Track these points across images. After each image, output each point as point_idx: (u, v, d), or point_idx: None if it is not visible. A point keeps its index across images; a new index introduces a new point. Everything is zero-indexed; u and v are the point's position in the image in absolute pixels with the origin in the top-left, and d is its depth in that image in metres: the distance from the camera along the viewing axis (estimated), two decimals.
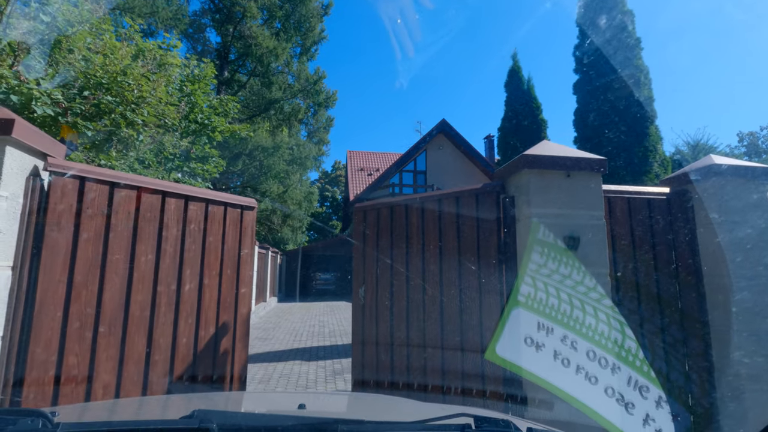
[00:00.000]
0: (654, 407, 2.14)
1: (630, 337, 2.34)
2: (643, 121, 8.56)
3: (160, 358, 2.70)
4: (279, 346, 7.56)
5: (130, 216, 2.64)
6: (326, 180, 46.13)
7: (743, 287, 2.91)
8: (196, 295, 2.91)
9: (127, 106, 3.41)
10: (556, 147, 3.05)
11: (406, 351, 3.44)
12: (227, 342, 3.06)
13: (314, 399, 1.88)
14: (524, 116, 12.11)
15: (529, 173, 2.88)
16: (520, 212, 2.98)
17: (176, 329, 2.79)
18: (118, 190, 2.63)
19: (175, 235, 2.82)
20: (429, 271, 3.43)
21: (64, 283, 2.43)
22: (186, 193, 2.91)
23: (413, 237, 3.55)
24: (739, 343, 2.84)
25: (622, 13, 9.42)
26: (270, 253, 14.90)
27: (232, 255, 3.16)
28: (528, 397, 2.71)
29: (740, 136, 34.86)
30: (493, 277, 3.08)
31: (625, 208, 3.19)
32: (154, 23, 15.88)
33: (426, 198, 3.58)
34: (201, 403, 1.52)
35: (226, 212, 3.14)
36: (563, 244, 2.82)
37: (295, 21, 19.83)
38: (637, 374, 2.22)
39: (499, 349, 2.66)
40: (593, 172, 2.92)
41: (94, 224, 2.54)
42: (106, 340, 2.52)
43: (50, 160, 2.45)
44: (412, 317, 3.48)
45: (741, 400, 2.74)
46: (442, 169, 19.93)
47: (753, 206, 3.03)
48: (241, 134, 12.27)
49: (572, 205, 2.87)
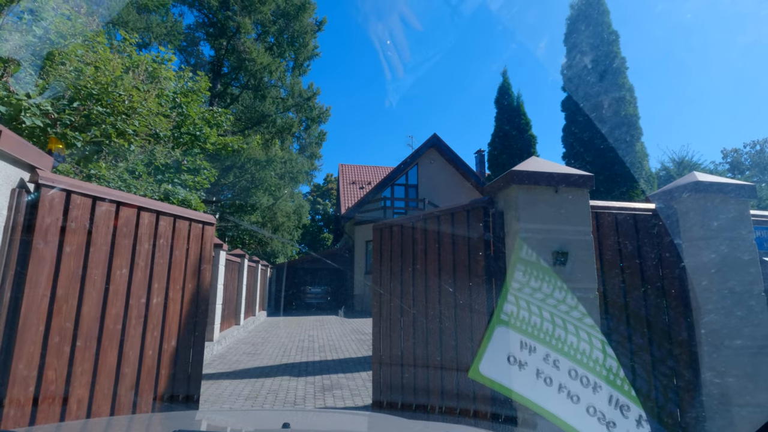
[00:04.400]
0: (635, 426, 2.15)
1: (611, 356, 2.33)
2: (629, 138, 8.79)
3: (128, 371, 2.74)
4: (267, 362, 7.44)
5: (109, 230, 2.69)
6: (318, 193, 46.08)
7: (714, 308, 2.93)
8: (162, 309, 3.00)
9: (117, 117, 3.40)
10: (544, 163, 3.11)
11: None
12: (186, 355, 3.15)
13: (300, 417, 1.84)
14: (514, 132, 12.32)
15: (517, 189, 2.92)
16: (509, 227, 3.01)
17: (144, 342, 2.86)
18: (99, 205, 2.67)
19: (147, 249, 2.91)
20: (428, 288, 3.52)
21: (48, 297, 2.43)
22: (158, 209, 3.01)
23: (412, 255, 3.72)
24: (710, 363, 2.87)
25: (608, 33, 9.77)
26: (260, 266, 14.75)
27: (194, 269, 3.28)
28: (519, 417, 2.69)
29: (724, 153, 35.77)
30: (481, 293, 3.09)
31: (612, 224, 3.24)
32: (148, 37, 15.95)
33: (427, 216, 3.69)
34: (180, 423, 1.50)
35: (191, 227, 3.27)
36: (551, 260, 2.85)
37: (289, 36, 20.06)
38: (619, 393, 2.23)
39: (483, 368, 2.66)
40: (581, 188, 2.97)
41: (77, 238, 2.56)
42: (82, 354, 2.54)
43: (38, 173, 2.43)
44: (406, 334, 3.48)
45: (714, 420, 2.76)
46: (434, 184, 20.05)
47: (736, 221, 3.10)
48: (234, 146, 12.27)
49: (560, 221, 2.91)
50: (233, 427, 1.62)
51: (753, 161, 33.78)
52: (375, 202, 18.67)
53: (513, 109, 12.61)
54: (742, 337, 2.84)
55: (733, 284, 2.96)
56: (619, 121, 8.67)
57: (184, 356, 3.13)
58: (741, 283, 2.96)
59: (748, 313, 2.91)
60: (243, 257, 11.57)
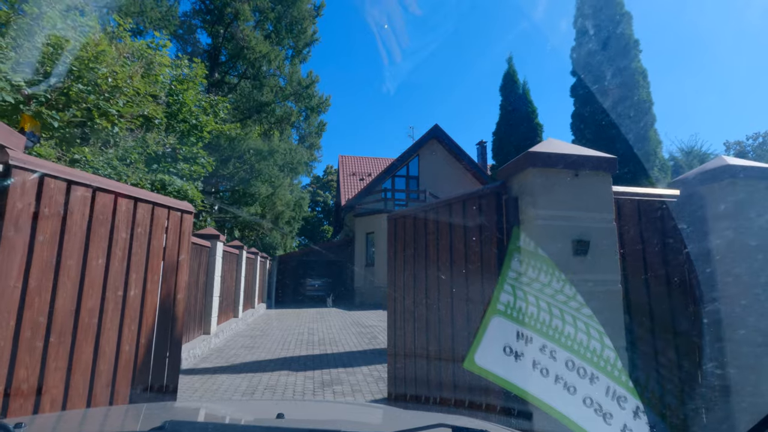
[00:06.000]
0: (632, 418, 2.11)
1: (608, 346, 2.26)
2: (643, 124, 8.45)
3: (104, 368, 2.58)
4: (266, 355, 7.25)
5: (85, 217, 2.48)
6: (318, 185, 45.78)
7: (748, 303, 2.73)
8: (140, 301, 2.85)
9: (99, 96, 3.13)
10: (563, 145, 2.86)
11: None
12: (164, 349, 3.02)
13: (295, 408, 1.83)
14: (520, 121, 11.97)
15: (534, 172, 2.68)
16: (524, 214, 2.77)
17: (120, 336, 2.69)
18: (75, 189, 2.45)
19: (124, 238, 2.74)
20: (440, 278, 3.37)
21: (19, 289, 2.22)
22: (136, 195, 2.84)
23: (425, 245, 3.58)
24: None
25: (620, 14, 9.35)
26: (259, 258, 14.55)
27: (172, 260, 3.13)
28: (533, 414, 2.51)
29: (727, 145, 35.40)
30: (494, 283, 2.87)
31: (634, 211, 3.00)
32: (143, 23, 15.57)
33: (438, 205, 3.51)
34: (173, 414, 1.51)
35: (169, 215, 3.12)
36: (571, 249, 2.63)
37: (287, 23, 19.62)
38: (616, 384, 2.18)
39: (478, 359, 2.61)
40: (603, 172, 2.73)
41: (51, 225, 2.33)
42: (56, 349, 2.33)
43: (8, 152, 2.20)
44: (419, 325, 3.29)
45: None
46: (435, 175, 19.80)
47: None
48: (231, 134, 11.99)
49: (581, 207, 2.67)
50: (229, 417, 1.57)
51: (756, 154, 33.45)
52: (376, 194, 18.42)
53: (519, 97, 12.25)
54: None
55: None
56: (631, 106, 8.32)
57: (161, 351, 2.98)
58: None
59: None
60: (241, 249, 11.37)
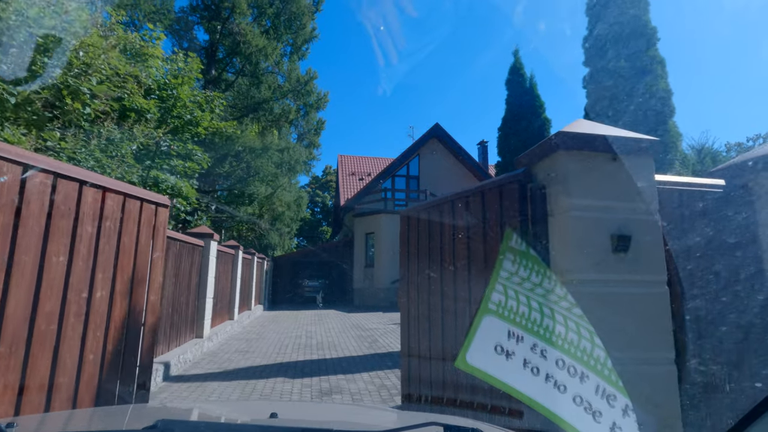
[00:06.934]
0: (621, 415, 2.13)
1: (599, 345, 2.23)
2: (661, 116, 8.07)
3: (64, 381, 2.24)
4: (261, 360, 6.87)
5: (44, 208, 2.13)
6: (317, 185, 45.40)
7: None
8: (107, 304, 2.51)
9: (69, 72, 2.77)
10: (596, 125, 2.50)
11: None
12: (133, 358, 2.72)
13: (289, 408, 1.83)
14: (527, 115, 11.57)
15: (566, 156, 2.31)
16: (554, 205, 2.40)
17: (84, 344, 2.36)
18: (32, 176, 2.08)
19: (90, 233, 2.39)
20: (456, 279, 3.05)
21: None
22: (104, 184, 2.50)
23: (439, 244, 3.33)
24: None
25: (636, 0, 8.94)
26: (255, 259, 14.16)
27: (145, 258, 2.82)
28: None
29: (728, 146, 35.09)
30: None
31: (675, 203, 2.64)
32: (137, 17, 15.20)
33: (454, 198, 3.25)
34: (166, 413, 1.53)
35: (142, 209, 2.81)
36: (609, 245, 2.27)
37: (286, 18, 19.26)
38: (605, 383, 2.18)
39: (470, 358, 2.61)
40: (646, 156, 2.37)
41: (1, 217, 1.95)
42: (6, 362, 1.97)
43: None
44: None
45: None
46: (436, 175, 19.46)
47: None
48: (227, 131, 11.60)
49: (620, 196, 2.31)
50: (221, 417, 1.55)
51: None
52: (375, 194, 18.06)
53: (526, 91, 11.85)
54: None
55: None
56: (649, 97, 7.93)
57: (131, 362, 2.67)
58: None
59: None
60: (237, 249, 11.01)
